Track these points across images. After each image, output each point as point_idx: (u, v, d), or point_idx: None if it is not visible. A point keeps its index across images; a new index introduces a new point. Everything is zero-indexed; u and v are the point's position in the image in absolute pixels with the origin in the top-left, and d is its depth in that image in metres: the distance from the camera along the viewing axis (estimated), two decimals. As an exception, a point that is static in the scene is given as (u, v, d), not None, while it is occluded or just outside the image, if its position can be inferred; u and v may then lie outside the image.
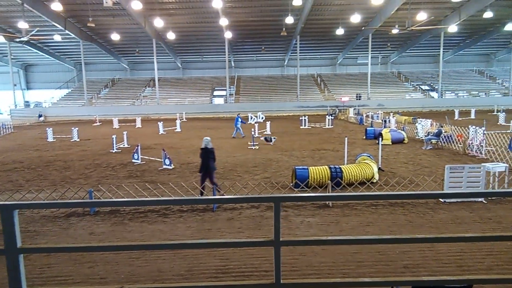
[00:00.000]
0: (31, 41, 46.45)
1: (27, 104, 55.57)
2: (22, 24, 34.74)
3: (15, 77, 54.49)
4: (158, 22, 38.62)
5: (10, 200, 9.55)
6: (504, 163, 10.89)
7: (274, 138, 20.23)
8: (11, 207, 2.38)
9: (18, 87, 58.10)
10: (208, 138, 9.96)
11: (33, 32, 35.86)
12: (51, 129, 25.33)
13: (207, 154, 9.62)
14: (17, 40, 39.21)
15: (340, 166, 10.78)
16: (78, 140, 23.68)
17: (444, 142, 17.17)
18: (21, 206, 3.01)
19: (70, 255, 6.19)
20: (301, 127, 29.45)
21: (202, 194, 9.60)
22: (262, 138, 20.77)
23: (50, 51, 54.82)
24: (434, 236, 2.81)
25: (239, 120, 23.51)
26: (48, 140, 23.99)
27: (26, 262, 2.47)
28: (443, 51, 49.55)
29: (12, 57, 49.13)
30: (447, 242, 5.86)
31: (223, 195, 9.48)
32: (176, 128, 29.59)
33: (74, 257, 6.13)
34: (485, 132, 14.78)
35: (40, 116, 45.58)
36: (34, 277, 5.50)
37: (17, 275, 2.41)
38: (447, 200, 8.72)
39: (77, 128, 24.98)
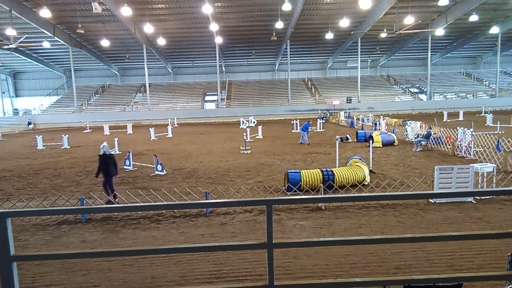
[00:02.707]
0: (20, 48, 46.01)
1: (16, 111, 54.89)
2: (10, 31, 34.42)
3: (3, 85, 53.91)
4: (148, 28, 38.59)
5: (0, 209, 9.42)
6: (492, 163, 11.10)
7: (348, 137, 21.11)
8: (3, 215, 2.38)
9: (7, 95, 57.40)
10: (106, 144, 10.20)
11: (21, 39, 35.55)
12: (40, 136, 25.06)
13: (106, 160, 9.83)
14: (5, 47, 38.75)
15: (331, 169, 10.86)
16: (69, 147, 23.45)
17: (433, 144, 17.41)
18: (14, 214, 3.01)
19: (62, 263, 6.14)
20: (292, 131, 29.57)
21: (115, 197, 9.75)
22: (338, 139, 20.25)
23: (39, 58, 54.35)
24: (422, 235, 2.88)
25: (308, 126, 21.62)
26: (37, 147, 23.72)
27: (18, 271, 2.46)
28: (431, 54, 50.38)
29: (0, 64, 48.56)
30: (436, 241, 5.94)
31: (117, 203, 9.54)
32: (167, 134, 29.49)
33: (67, 265, 6.08)
34: (473, 133, 15.03)
35: (29, 123, 45.07)
36: (26, 287, 5.44)
37: (11, 284, 2.41)
38: (437, 201, 8.84)
39: (67, 135, 24.75)
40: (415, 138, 18.73)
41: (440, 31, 42.95)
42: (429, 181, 10.22)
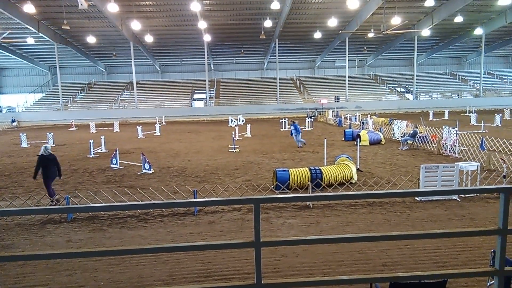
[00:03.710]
0: (3, 44, 44.90)
1: (-2, 109, 53.67)
2: (-7, 27, 33.60)
3: (-14, 81, 52.57)
4: (135, 25, 38.11)
5: (-18, 208, 9.19)
6: (476, 162, 11.33)
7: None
8: (-15, 214, 2.32)
9: (-11, 92, 56.03)
10: (47, 145, 10.04)
11: (4, 35, 34.72)
12: (25, 134, 24.54)
13: (46, 162, 9.69)
14: (-13, 43, 37.83)
15: (320, 167, 10.93)
16: (54, 145, 23.02)
17: (419, 143, 17.67)
18: (-5, 214, 2.93)
19: (47, 263, 6.03)
20: (281, 129, 29.64)
21: (52, 200, 9.60)
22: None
23: (23, 54, 53.14)
24: (408, 233, 2.92)
25: (293, 127, 19.44)
26: (22, 146, 23.24)
27: (0, 272, 2.41)
28: (417, 54, 51.08)
29: (-18, 60, 47.38)
30: (421, 239, 6.05)
31: (55, 205, 9.50)
32: (155, 132, 29.23)
33: (51, 265, 5.98)
34: (458, 132, 15.31)
35: (13, 121, 44.09)
36: (9, 287, 5.32)
37: (-8, 285, 2.35)
38: (423, 199, 8.98)
39: (52, 133, 24.31)
40: (402, 137, 18.98)
41: (426, 32, 43.59)
42: (415, 179, 10.38)
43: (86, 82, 57.85)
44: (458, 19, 39.55)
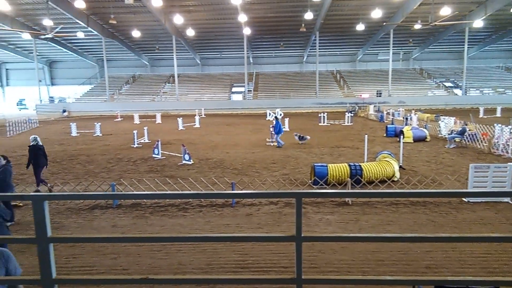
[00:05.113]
0: (55, 38, 47.65)
1: (51, 99, 57.19)
2: (47, 22, 35.68)
3: (40, 73, 56.10)
4: (178, 19, 38.96)
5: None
6: (531, 162, 10.52)
7: (307, 137, 18.53)
8: (41, 198, 2.47)
9: (43, 83, 59.83)
10: (36, 136, 10.44)
11: (57, 29, 36.79)
12: (74, 124, 26.00)
13: (36, 151, 10.09)
14: (42, 37, 40.27)
15: (359, 163, 10.65)
16: (101, 135, 24.22)
17: (468, 141, 16.72)
18: (51, 198, 3.12)
19: (93, 246, 6.37)
20: (319, 124, 29.21)
21: (38, 185, 10.18)
22: (296, 137, 18.76)
23: (74, 47, 56.17)
24: (457, 235, 2.76)
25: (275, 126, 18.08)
26: (72, 134, 24.64)
27: (55, 252, 2.55)
28: (468, 47, 48.04)
29: (37, 53, 50.56)
30: (471, 242, 5.72)
31: (51, 190, 10.16)
32: (195, 124, 29.86)
33: (98, 249, 6.31)
34: (511, 130, 14.31)
35: (64, 111, 46.85)
36: (60, 267, 5.67)
37: (48, 263, 2.50)
38: (471, 200, 8.50)
39: (99, 123, 25.55)
40: (449, 134, 18.05)
41: (478, 23, 40.87)
42: (463, 179, 9.85)
43: (131, 75, 60.14)
44: (515, 9, 36.77)
